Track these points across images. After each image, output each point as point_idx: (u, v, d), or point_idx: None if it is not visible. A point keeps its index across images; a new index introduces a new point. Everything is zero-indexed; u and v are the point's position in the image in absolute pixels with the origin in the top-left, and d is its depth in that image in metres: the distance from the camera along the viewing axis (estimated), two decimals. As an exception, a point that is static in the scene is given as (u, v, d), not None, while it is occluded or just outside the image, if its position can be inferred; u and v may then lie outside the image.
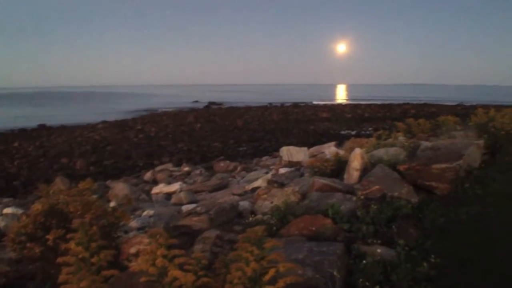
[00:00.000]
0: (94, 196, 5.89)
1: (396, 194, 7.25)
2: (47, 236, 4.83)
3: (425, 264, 4.76)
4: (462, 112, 45.17)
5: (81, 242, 3.31)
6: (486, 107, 14.15)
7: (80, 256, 3.24)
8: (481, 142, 9.77)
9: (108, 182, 19.53)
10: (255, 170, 19.04)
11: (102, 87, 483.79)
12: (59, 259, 3.24)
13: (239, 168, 20.40)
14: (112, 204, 10.40)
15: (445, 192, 7.73)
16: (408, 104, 79.36)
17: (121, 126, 45.57)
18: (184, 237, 7.07)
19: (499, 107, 20.59)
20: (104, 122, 50.23)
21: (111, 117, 56.82)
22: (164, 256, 3.00)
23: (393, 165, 8.74)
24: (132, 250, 5.67)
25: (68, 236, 3.47)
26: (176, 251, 3.07)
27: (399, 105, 76.53)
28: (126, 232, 8.08)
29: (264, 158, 24.56)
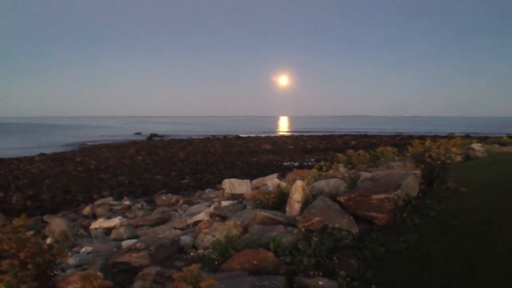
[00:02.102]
0: (30, 233, 5.65)
1: (337, 225, 7.30)
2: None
3: (366, 294, 4.80)
4: (401, 143, 46.70)
5: (9, 285, 3.14)
6: (423, 137, 14.65)
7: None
8: (418, 172, 10.02)
9: (45, 217, 18.71)
10: (198, 203, 18.80)
11: (39, 118, 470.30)
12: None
13: (181, 201, 20.08)
14: (48, 240, 9.95)
15: (384, 222, 7.85)
16: (349, 135, 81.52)
17: (59, 159, 44.15)
18: (123, 274, 6.87)
19: (435, 137, 21.37)
20: (41, 154, 48.38)
21: (49, 150, 54.98)
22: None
23: (333, 196, 8.84)
24: (70, 289, 5.44)
25: (-3, 279, 3.28)
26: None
27: (340, 136, 78.58)
28: (63, 269, 7.75)
29: (207, 190, 24.36)
